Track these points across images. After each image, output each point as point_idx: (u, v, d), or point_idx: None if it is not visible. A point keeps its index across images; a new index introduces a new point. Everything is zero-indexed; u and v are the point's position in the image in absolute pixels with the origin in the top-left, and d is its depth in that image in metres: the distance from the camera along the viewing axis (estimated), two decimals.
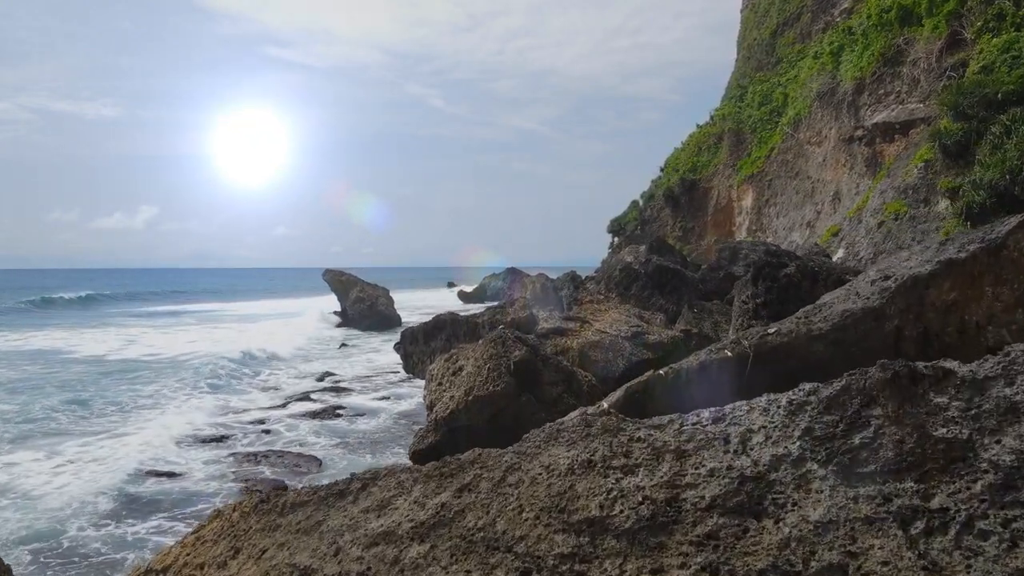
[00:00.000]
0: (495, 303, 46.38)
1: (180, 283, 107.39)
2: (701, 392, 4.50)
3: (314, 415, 12.82)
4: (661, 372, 4.54)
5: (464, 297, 52.10)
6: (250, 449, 10.48)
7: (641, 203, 42.80)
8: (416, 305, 42.38)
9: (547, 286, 41.55)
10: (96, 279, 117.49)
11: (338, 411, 13.17)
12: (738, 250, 13.67)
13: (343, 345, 24.97)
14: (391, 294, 44.54)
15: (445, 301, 50.32)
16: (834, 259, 19.91)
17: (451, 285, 79.74)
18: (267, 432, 11.54)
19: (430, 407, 8.71)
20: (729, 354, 4.48)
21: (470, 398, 7.64)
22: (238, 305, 52.49)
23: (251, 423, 12.20)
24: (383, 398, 14.45)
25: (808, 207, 25.38)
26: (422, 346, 12.45)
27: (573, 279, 41.75)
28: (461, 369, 8.51)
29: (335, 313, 32.72)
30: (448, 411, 7.81)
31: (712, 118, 37.94)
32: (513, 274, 50.34)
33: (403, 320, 32.62)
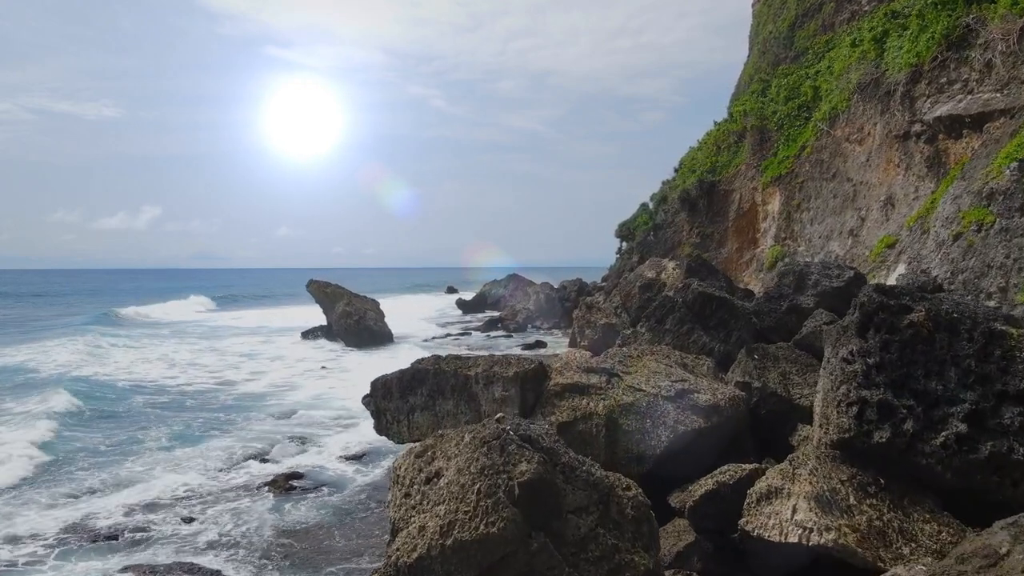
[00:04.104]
0: (496, 313, 43.47)
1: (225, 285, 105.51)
2: None
3: (260, 488, 9.93)
4: None
5: (463, 306, 49.14)
6: (151, 558, 7.56)
7: (651, 206, 39.88)
8: (411, 315, 39.43)
9: (552, 297, 38.62)
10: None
11: (292, 481, 10.29)
12: (806, 275, 10.75)
13: (323, 368, 22.07)
14: (387, 301, 41.64)
15: (443, 311, 47.44)
16: (893, 276, 17.00)
17: (451, 290, 76.78)
18: (187, 522, 8.62)
19: (393, 531, 5.80)
20: None
21: (449, 542, 4.74)
22: (232, 314, 49.30)
23: (172, 503, 9.29)
24: (354, 457, 11.56)
25: (849, 213, 22.44)
26: (397, 401, 9.54)
27: (580, 289, 38.81)
28: (438, 476, 5.61)
29: (320, 328, 29.83)
30: (415, 555, 4.92)
31: (732, 114, 35.05)
32: (515, 281, 47.49)
33: (394, 336, 29.74)
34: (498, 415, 5.43)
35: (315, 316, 31.27)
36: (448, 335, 32.93)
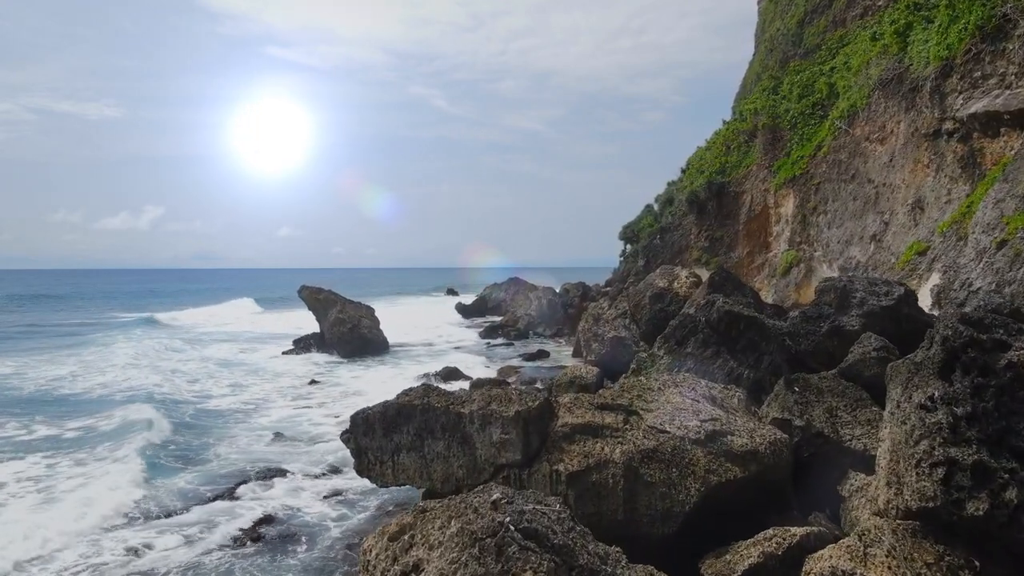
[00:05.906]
0: (496, 318, 42.17)
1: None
2: None
3: (224, 544, 8.64)
4: None
5: (463, 311, 47.86)
6: None
7: (657, 208, 38.62)
8: (409, 320, 38.10)
9: (554, 302, 37.27)
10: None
11: (261, 527, 9.00)
12: (849, 292, 9.45)
13: (313, 382, 20.77)
14: (385, 305, 40.17)
15: (442, 316, 46.11)
16: (927, 287, 15.71)
17: (451, 292, 75.48)
18: None
19: None
20: None
21: None
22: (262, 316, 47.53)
23: (119, 560, 8.00)
24: (335, 494, 10.27)
25: (871, 217, 21.14)
26: (381, 440, 8.26)
27: (584, 294, 37.51)
28: (417, 570, 4.31)
29: (312, 336, 28.55)
30: None
31: (741, 113, 33.74)
32: (515, 284, 46.25)
33: (390, 344, 28.47)
34: (494, 497, 4.14)
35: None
36: (447, 343, 31.65)
